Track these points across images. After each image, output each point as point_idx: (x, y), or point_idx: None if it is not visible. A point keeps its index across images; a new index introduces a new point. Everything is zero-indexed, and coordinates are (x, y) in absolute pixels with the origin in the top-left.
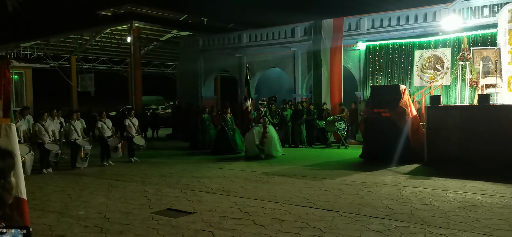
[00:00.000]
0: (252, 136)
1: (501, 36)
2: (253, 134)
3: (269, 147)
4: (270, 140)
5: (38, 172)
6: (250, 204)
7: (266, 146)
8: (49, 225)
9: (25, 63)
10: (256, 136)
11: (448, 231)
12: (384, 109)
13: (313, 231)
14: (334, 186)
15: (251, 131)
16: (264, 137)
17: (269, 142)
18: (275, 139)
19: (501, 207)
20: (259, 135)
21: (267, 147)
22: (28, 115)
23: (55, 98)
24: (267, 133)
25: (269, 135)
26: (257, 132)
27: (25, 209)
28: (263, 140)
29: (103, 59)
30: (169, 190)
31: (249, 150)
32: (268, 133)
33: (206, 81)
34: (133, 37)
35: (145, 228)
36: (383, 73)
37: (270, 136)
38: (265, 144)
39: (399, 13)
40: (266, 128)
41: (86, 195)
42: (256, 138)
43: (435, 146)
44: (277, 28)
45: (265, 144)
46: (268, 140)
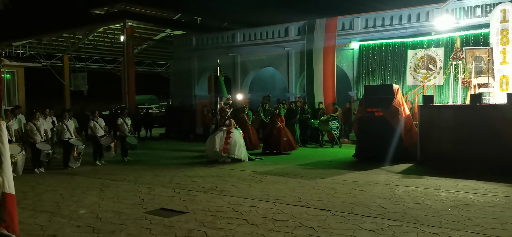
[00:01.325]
0: (213, 141)
1: (493, 36)
2: (214, 139)
3: (233, 152)
4: (233, 146)
5: (30, 172)
6: (243, 203)
7: (228, 152)
8: (40, 225)
9: (17, 62)
10: (217, 142)
11: (440, 230)
12: (377, 109)
13: (306, 230)
14: (327, 185)
15: (213, 135)
16: (226, 143)
17: (232, 148)
18: (240, 144)
19: (493, 206)
20: (221, 140)
21: (231, 152)
22: (20, 114)
23: (47, 97)
24: (230, 138)
25: (232, 140)
26: (219, 137)
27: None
28: (226, 146)
29: (96, 58)
30: (162, 190)
31: (209, 155)
32: (232, 138)
33: (199, 80)
34: (126, 36)
35: (138, 227)
36: (376, 73)
37: (234, 141)
38: (227, 151)
39: (392, 13)
40: (230, 133)
41: (79, 195)
42: (218, 144)
43: (428, 145)
44: (271, 27)
45: (227, 151)
46: (231, 146)
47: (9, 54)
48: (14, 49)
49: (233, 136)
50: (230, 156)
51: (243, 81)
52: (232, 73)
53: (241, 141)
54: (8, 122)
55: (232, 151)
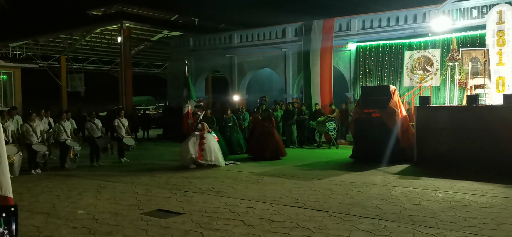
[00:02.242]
0: (186, 147)
1: (489, 37)
2: (188, 146)
3: (208, 158)
4: (208, 151)
5: (27, 173)
6: (240, 204)
7: (204, 158)
8: (36, 226)
9: (14, 63)
10: (191, 148)
11: (436, 231)
12: (374, 110)
13: (303, 231)
14: (324, 186)
15: (186, 141)
16: (200, 148)
17: (207, 154)
18: (215, 149)
19: (489, 206)
20: (195, 145)
21: (206, 159)
22: (16, 115)
23: (44, 98)
24: (204, 143)
25: (206, 145)
26: (192, 143)
27: None
28: (200, 152)
29: (93, 59)
30: (158, 191)
31: (184, 159)
32: (206, 143)
33: (197, 81)
34: (123, 37)
35: (134, 229)
36: (373, 74)
37: (208, 146)
38: (203, 157)
39: (389, 14)
40: (204, 138)
41: (75, 196)
42: (192, 150)
43: (424, 146)
44: (268, 28)
45: (203, 157)
46: (205, 152)
47: (6, 55)
48: (10, 50)
49: (207, 141)
50: (206, 162)
51: (240, 82)
52: (229, 74)
53: (215, 146)
54: (4, 123)
55: (207, 157)
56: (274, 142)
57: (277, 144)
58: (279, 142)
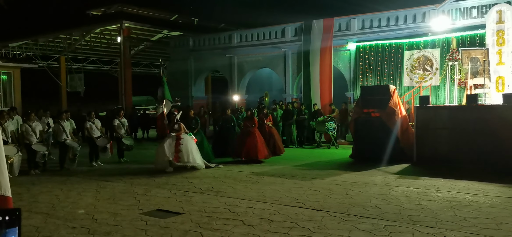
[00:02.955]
0: (162, 148)
1: (489, 36)
2: (163, 148)
3: (185, 159)
4: (185, 152)
5: (26, 173)
6: (239, 204)
7: (181, 160)
8: (35, 227)
9: (14, 63)
10: (167, 149)
11: (436, 230)
12: (374, 109)
13: (302, 231)
14: (323, 186)
15: (162, 143)
16: (177, 150)
17: (184, 155)
18: (192, 150)
19: (489, 206)
20: (171, 147)
21: (183, 160)
22: (17, 115)
23: (44, 98)
24: (181, 145)
25: (183, 146)
26: (168, 144)
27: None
28: (177, 154)
29: (93, 59)
30: (158, 191)
31: (158, 166)
32: (182, 144)
33: (196, 81)
34: (123, 37)
35: (133, 229)
36: (373, 74)
37: (185, 147)
38: (180, 159)
39: (389, 14)
40: (181, 138)
41: (74, 196)
42: (168, 152)
43: (424, 146)
44: (268, 28)
45: (180, 159)
46: (182, 154)
47: (5, 55)
48: (10, 50)
49: (183, 142)
50: (183, 164)
51: (240, 82)
52: (229, 74)
53: (193, 146)
54: (4, 123)
55: (184, 158)
56: (253, 143)
57: (256, 145)
58: (259, 143)
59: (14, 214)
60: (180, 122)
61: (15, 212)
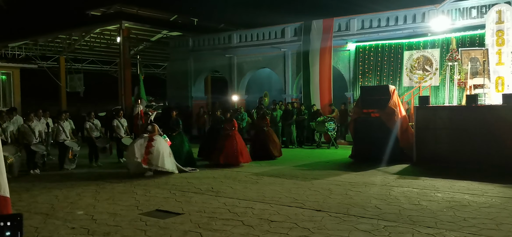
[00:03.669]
0: (132, 149)
1: (489, 37)
2: (134, 148)
3: (155, 163)
4: (156, 155)
5: (26, 173)
6: (239, 204)
7: (150, 163)
8: (35, 227)
9: (13, 63)
10: (136, 150)
11: (436, 231)
12: (373, 110)
13: (302, 231)
14: (323, 187)
15: (133, 143)
16: (147, 152)
17: (154, 158)
18: (164, 154)
19: (489, 206)
20: (141, 148)
21: (153, 164)
22: (16, 116)
23: (43, 99)
24: (152, 147)
25: (154, 149)
26: (139, 145)
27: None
28: (146, 156)
29: (93, 59)
30: (157, 191)
31: (130, 168)
32: (154, 147)
33: (196, 81)
34: (122, 37)
35: (133, 229)
36: (372, 74)
37: (156, 150)
38: (148, 162)
39: (388, 14)
40: (153, 140)
41: (74, 196)
42: (137, 153)
43: (423, 146)
44: (267, 28)
45: (148, 162)
46: (152, 156)
47: (5, 55)
48: (10, 50)
49: (155, 144)
50: (152, 168)
51: (239, 82)
52: (228, 74)
53: (166, 150)
54: (3, 123)
55: (154, 162)
56: (233, 147)
57: (236, 149)
58: (239, 147)
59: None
60: (154, 123)
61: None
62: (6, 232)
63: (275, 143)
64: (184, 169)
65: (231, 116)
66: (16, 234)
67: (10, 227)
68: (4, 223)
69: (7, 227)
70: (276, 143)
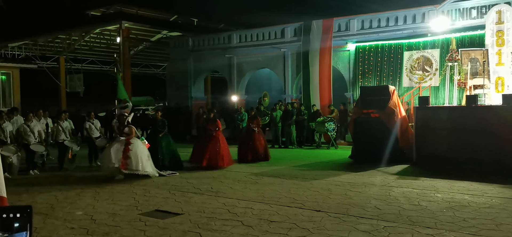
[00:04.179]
0: (109, 153)
1: (488, 37)
2: (110, 151)
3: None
4: (134, 159)
5: (25, 173)
6: (238, 205)
7: (129, 167)
8: (34, 227)
9: (13, 63)
10: (113, 155)
11: (435, 231)
12: (373, 110)
13: (301, 231)
14: (323, 187)
15: (109, 147)
16: (125, 156)
17: (132, 162)
18: (142, 157)
19: (488, 207)
20: (118, 153)
21: (131, 168)
22: (17, 116)
23: (43, 99)
24: (130, 150)
25: (132, 152)
26: (115, 149)
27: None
28: (124, 160)
29: (92, 59)
30: (157, 191)
31: (105, 171)
32: (131, 150)
33: (196, 81)
34: (122, 37)
35: (132, 229)
36: (372, 74)
37: (134, 153)
38: (127, 166)
39: (388, 14)
40: (130, 143)
41: (73, 196)
42: (114, 157)
43: (423, 146)
44: (267, 28)
45: (127, 166)
46: (130, 160)
47: (5, 56)
48: (9, 50)
49: (133, 147)
50: (131, 172)
51: (239, 83)
52: (228, 75)
53: (144, 153)
54: (3, 123)
55: (133, 166)
56: (215, 149)
57: (219, 151)
58: (222, 149)
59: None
60: (131, 126)
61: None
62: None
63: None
64: (162, 174)
65: (215, 116)
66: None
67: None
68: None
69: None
70: (262, 146)
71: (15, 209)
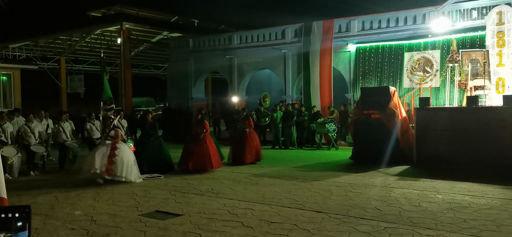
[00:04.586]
0: (92, 157)
1: (489, 38)
2: (95, 156)
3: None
4: (119, 164)
5: (25, 174)
6: (239, 205)
7: (114, 173)
8: (34, 228)
9: (14, 64)
10: (98, 160)
11: (436, 232)
12: (374, 111)
13: (302, 232)
14: (323, 188)
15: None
16: (110, 161)
17: (118, 168)
18: (128, 162)
19: (489, 208)
20: (104, 158)
21: (116, 174)
22: (19, 116)
23: (44, 100)
24: (116, 156)
25: (118, 158)
26: (101, 154)
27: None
28: (109, 166)
29: (93, 60)
30: (157, 192)
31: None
32: (117, 155)
33: (196, 82)
34: (123, 38)
35: (132, 230)
36: (373, 75)
37: (120, 159)
38: (112, 172)
39: (389, 15)
40: (116, 148)
41: (73, 197)
42: (98, 163)
43: (424, 147)
44: (268, 29)
45: (112, 172)
46: (116, 166)
47: (5, 56)
48: (10, 51)
49: (119, 152)
50: (115, 178)
51: (239, 84)
52: (228, 75)
53: (130, 158)
54: (3, 124)
55: (117, 171)
56: (203, 151)
57: (206, 154)
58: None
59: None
60: (117, 128)
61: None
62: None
63: (251, 148)
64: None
65: (202, 118)
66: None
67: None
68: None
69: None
70: (254, 147)
71: (14, 209)
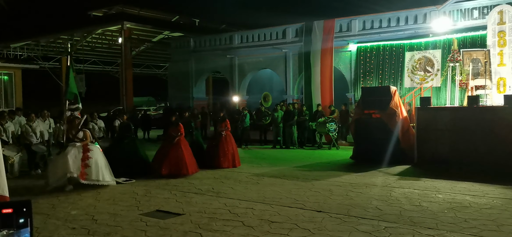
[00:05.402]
0: (63, 161)
1: (490, 37)
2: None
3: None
4: (93, 168)
5: (27, 174)
6: (239, 205)
7: (89, 177)
8: (35, 227)
9: (15, 64)
10: (70, 163)
11: (436, 232)
12: (374, 111)
13: (302, 232)
14: (324, 187)
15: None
16: (84, 165)
17: (92, 171)
18: (102, 165)
19: (490, 207)
20: (76, 161)
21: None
22: (20, 116)
23: (45, 99)
24: (90, 158)
25: (92, 160)
26: (73, 157)
27: None
28: (84, 170)
29: (94, 60)
30: (158, 191)
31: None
32: (91, 158)
33: (197, 82)
34: (124, 38)
35: (133, 229)
36: (374, 75)
37: (94, 161)
38: (87, 176)
39: (390, 15)
40: (88, 150)
41: (74, 196)
42: (72, 166)
43: (425, 147)
44: (269, 29)
45: (87, 176)
46: (91, 169)
47: (7, 56)
48: (11, 50)
49: (93, 154)
50: (90, 182)
51: (240, 83)
52: (229, 75)
53: (102, 160)
54: (5, 123)
55: (92, 175)
56: (177, 155)
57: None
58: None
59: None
60: (85, 129)
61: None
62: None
63: (226, 153)
64: (119, 181)
65: (176, 119)
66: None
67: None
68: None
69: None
70: (229, 152)
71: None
